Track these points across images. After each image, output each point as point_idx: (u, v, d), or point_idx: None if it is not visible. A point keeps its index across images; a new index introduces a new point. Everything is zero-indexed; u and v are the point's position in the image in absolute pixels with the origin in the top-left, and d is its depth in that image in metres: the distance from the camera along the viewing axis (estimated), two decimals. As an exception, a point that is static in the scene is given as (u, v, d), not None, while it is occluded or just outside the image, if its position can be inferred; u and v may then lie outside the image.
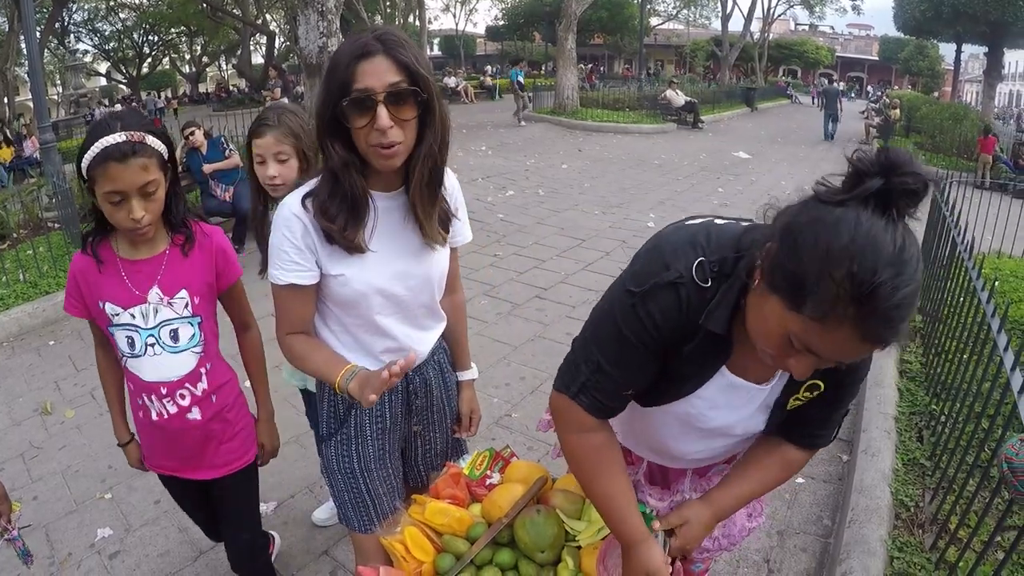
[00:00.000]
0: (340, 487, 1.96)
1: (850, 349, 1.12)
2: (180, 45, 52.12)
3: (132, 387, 2.11)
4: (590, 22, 38.20)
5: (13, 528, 2.01)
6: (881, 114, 21.62)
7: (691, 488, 1.85)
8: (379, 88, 1.53)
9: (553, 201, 10.32)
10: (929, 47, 45.61)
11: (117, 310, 1.98)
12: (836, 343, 1.11)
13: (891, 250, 1.05)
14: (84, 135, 1.89)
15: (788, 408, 1.52)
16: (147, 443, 2.23)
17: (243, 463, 2.30)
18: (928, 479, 3.26)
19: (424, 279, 1.85)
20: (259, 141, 2.45)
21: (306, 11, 11.72)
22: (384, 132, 1.55)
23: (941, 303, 4.46)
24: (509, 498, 1.79)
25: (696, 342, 1.38)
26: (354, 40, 1.59)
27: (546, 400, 4.13)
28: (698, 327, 1.35)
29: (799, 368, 1.21)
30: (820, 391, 1.47)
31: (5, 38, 31.54)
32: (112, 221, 1.88)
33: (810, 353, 1.16)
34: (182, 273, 2.03)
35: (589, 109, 21.76)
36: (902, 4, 27.98)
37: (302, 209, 1.68)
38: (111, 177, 1.78)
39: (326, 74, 1.61)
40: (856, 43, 65.54)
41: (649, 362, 1.43)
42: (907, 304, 1.06)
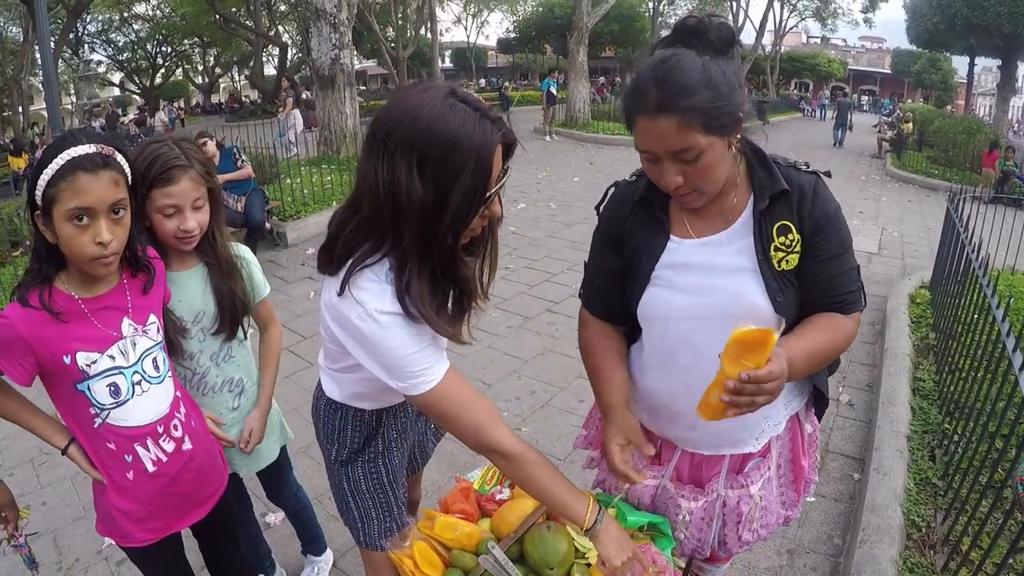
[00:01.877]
0: (368, 504, 1.93)
1: (650, 128, 1.45)
2: (193, 56, 52.51)
3: (114, 447, 1.83)
4: (601, 35, 38.18)
5: (20, 535, 1.98)
6: (894, 128, 21.57)
7: (726, 486, 1.86)
8: (499, 176, 1.46)
9: (565, 214, 10.30)
10: (942, 60, 45.46)
11: (93, 357, 1.74)
12: (642, 130, 1.48)
13: (654, 58, 1.49)
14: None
15: (779, 266, 1.59)
16: (140, 508, 1.93)
17: (224, 481, 2.19)
18: (940, 499, 3.23)
19: None
20: (172, 189, 1.95)
21: (318, 23, 11.81)
22: (494, 215, 1.53)
23: (955, 321, 4.42)
24: (519, 513, 1.78)
25: (632, 216, 1.75)
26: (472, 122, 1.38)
27: (557, 415, 4.21)
28: (632, 206, 1.74)
29: (665, 176, 1.51)
30: (793, 233, 1.58)
31: (20, 48, 31.91)
32: (70, 248, 1.63)
33: (654, 156, 1.51)
34: (147, 300, 1.88)
35: (600, 122, 21.71)
36: (915, 17, 27.91)
37: (394, 305, 1.47)
38: (79, 190, 1.57)
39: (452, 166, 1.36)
40: (868, 56, 65.50)
41: (608, 250, 1.83)
42: (663, 77, 1.41)
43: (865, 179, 15.68)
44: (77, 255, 1.65)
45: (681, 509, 1.89)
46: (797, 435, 1.87)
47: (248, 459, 2.47)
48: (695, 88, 1.39)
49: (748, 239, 1.62)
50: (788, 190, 1.58)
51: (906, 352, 4.80)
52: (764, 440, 1.80)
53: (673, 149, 1.44)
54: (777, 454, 1.87)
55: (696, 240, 1.67)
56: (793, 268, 1.60)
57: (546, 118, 20.36)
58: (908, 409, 4.00)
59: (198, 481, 2.03)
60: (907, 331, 5.27)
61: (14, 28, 35.70)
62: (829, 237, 1.60)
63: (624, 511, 1.80)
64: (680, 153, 1.44)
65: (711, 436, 1.80)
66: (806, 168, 1.65)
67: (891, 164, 17.55)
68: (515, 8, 51.34)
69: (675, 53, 1.45)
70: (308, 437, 3.81)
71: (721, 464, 1.86)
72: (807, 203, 1.58)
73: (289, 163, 11.46)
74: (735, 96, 1.45)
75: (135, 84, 50.31)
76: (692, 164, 1.46)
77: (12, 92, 34.15)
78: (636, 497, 1.97)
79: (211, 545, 2.34)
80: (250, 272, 2.31)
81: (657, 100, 1.41)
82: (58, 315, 1.69)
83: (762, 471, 1.85)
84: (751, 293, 1.60)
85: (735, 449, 1.82)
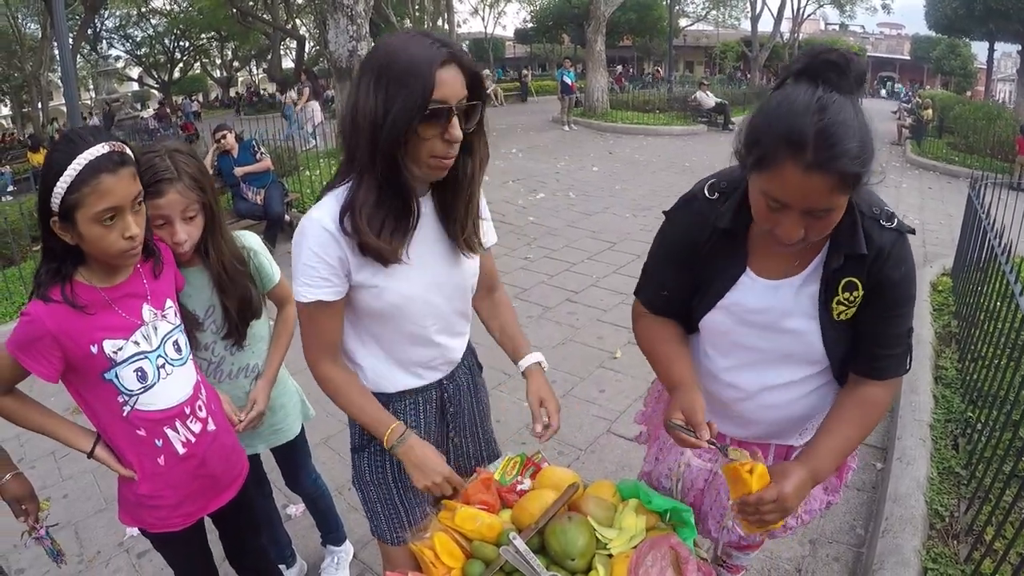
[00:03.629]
0: (373, 497, 1.96)
1: (801, 183, 1.32)
2: (211, 50, 52.75)
3: (144, 432, 1.88)
4: (619, 24, 38.02)
5: (41, 527, 2.00)
6: (913, 114, 21.36)
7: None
8: (453, 99, 1.52)
9: (584, 204, 10.29)
10: (961, 46, 44.91)
11: (119, 343, 1.79)
12: (788, 182, 1.33)
13: (809, 100, 1.32)
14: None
15: (837, 318, 1.60)
16: (173, 493, 1.97)
17: (246, 464, 2.24)
18: (963, 488, 3.20)
19: (458, 287, 1.85)
20: (160, 201, 1.96)
21: (335, 15, 11.79)
22: (451, 144, 1.55)
23: (977, 308, 4.38)
24: (540, 504, 1.77)
25: (711, 241, 1.67)
26: (424, 43, 1.50)
27: (578, 404, 4.22)
28: (712, 230, 1.65)
29: (785, 227, 1.41)
30: (858, 291, 1.56)
31: (39, 44, 32.14)
32: (100, 247, 1.67)
33: (782, 206, 1.38)
34: (161, 284, 1.93)
35: (619, 111, 21.58)
36: (934, 2, 27.62)
37: (334, 222, 1.61)
38: (104, 192, 1.60)
39: (398, 76, 1.48)
40: (887, 42, 64.75)
41: (679, 265, 1.76)
42: (829, 133, 1.28)
43: (885, 166, 15.38)
44: (107, 252, 1.69)
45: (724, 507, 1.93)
46: None
47: (267, 434, 2.53)
48: (856, 152, 1.30)
49: (814, 286, 1.62)
50: (865, 255, 1.52)
51: (928, 340, 4.76)
52: (808, 435, 1.82)
53: (815, 207, 1.36)
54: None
55: (769, 282, 1.67)
56: (851, 318, 1.61)
57: (563, 108, 20.15)
58: (931, 398, 3.98)
59: (224, 463, 2.09)
60: (929, 319, 5.23)
61: (32, 24, 36.00)
62: (888, 295, 1.57)
63: (648, 495, 1.79)
64: (818, 211, 1.37)
65: (760, 432, 1.89)
66: (889, 224, 1.54)
67: (911, 151, 17.35)
68: (532, -2, 51.20)
69: (837, 103, 1.32)
70: (329, 428, 3.84)
71: (768, 452, 1.93)
72: (884, 261, 1.53)
73: (308, 155, 11.49)
74: (877, 154, 1.37)
75: (153, 79, 50.60)
76: (819, 219, 1.40)
77: (31, 88, 34.49)
78: (691, 480, 2.02)
79: (232, 533, 2.36)
80: (259, 263, 2.32)
81: (816, 157, 1.29)
82: (83, 308, 1.72)
83: None
84: (810, 337, 1.65)
85: (781, 440, 1.92)
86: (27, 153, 22.40)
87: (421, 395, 1.92)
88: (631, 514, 1.76)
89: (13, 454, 2.02)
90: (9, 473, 1.95)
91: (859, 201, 1.51)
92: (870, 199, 1.55)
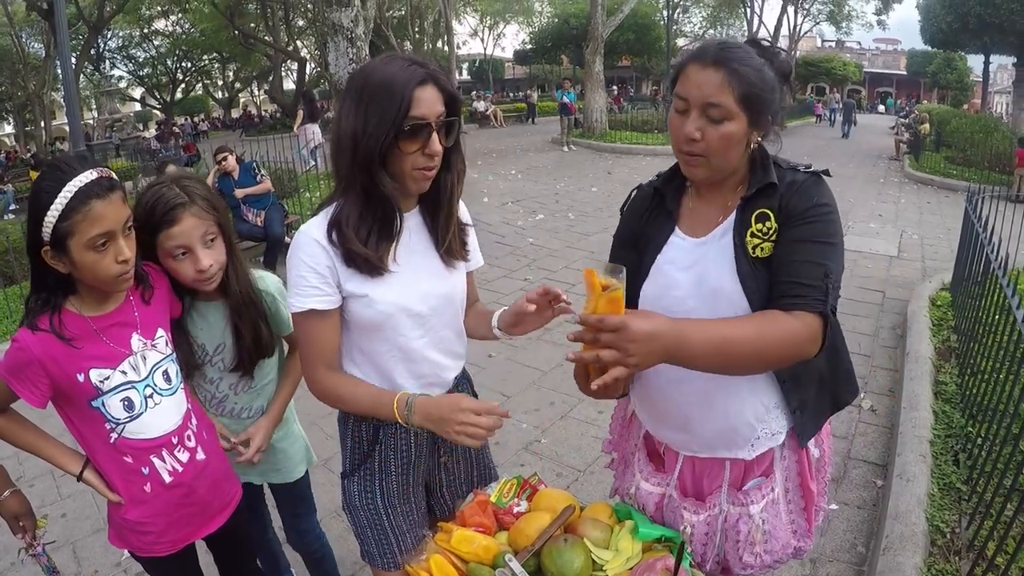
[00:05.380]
0: (363, 523, 1.95)
1: (698, 77, 1.55)
2: (213, 71, 53.11)
3: (131, 460, 1.88)
4: (617, 44, 38.27)
5: (38, 544, 2.00)
6: (910, 129, 21.43)
7: (728, 501, 1.84)
8: (431, 116, 1.61)
9: (583, 225, 10.31)
10: (957, 59, 45.21)
11: (106, 373, 1.79)
12: (689, 78, 1.57)
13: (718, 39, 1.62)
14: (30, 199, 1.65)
15: (753, 252, 1.62)
16: (158, 520, 1.96)
17: (237, 492, 2.21)
18: (964, 504, 3.20)
19: (446, 298, 1.87)
20: (177, 229, 1.90)
21: (335, 38, 11.87)
22: (432, 157, 1.64)
23: (976, 322, 4.39)
24: (536, 526, 1.77)
25: (648, 212, 1.85)
26: (403, 65, 1.61)
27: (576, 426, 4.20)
28: (649, 199, 1.86)
29: (687, 127, 1.57)
30: (770, 222, 1.62)
31: (42, 64, 32.41)
32: (94, 273, 1.68)
33: (686, 105, 1.58)
34: (153, 313, 1.92)
35: (618, 131, 21.70)
36: (928, 17, 27.80)
37: (323, 234, 1.69)
38: (96, 217, 1.61)
39: (376, 98, 1.59)
40: (883, 58, 65.04)
41: (625, 245, 1.90)
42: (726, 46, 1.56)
43: (883, 182, 15.56)
44: (102, 278, 1.70)
45: (684, 521, 1.89)
46: (804, 457, 1.85)
47: (264, 469, 2.45)
48: (749, 65, 1.54)
49: (729, 230, 1.69)
50: (775, 184, 1.63)
51: (928, 356, 4.77)
52: (760, 449, 1.77)
53: (707, 100, 1.54)
54: (783, 476, 1.84)
55: (696, 239, 1.74)
56: (767, 256, 1.61)
57: (562, 129, 20.25)
58: (931, 413, 3.97)
59: (213, 491, 2.06)
60: (928, 334, 5.24)
61: (36, 44, 36.30)
62: (802, 223, 1.57)
63: (639, 523, 1.79)
64: (710, 108, 1.54)
65: (703, 437, 1.80)
66: (806, 168, 1.69)
67: (909, 166, 17.39)
68: (531, 19, 51.59)
69: (743, 47, 1.60)
70: (327, 451, 3.84)
71: (722, 476, 1.84)
72: (793, 192, 1.61)
73: (308, 176, 11.54)
74: (774, 97, 1.59)
75: (156, 99, 50.97)
76: (715, 125, 1.55)
77: (34, 107, 34.75)
78: (642, 503, 1.97)
79: (226, 557, 2.35)
80: (276, 308, 2.25)
81: (715, 54, 1.54)
82: (69, 341, 1.73)
83: (764, 491, 1.82)
84: (727, 280, 1.64)
85: (729, 452, 1.79)
86: (29, 172, 22.53)
87: None
88: (627, 536, 1.76)
89: (12, 472, 2.02)
90: (8, 490, 1.95)
91: (777, 158, 1.71)
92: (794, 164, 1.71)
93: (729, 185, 1.72)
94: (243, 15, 34.12)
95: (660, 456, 1.98)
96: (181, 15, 40.58)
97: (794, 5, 41.94)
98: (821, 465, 1.94)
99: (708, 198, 1.76)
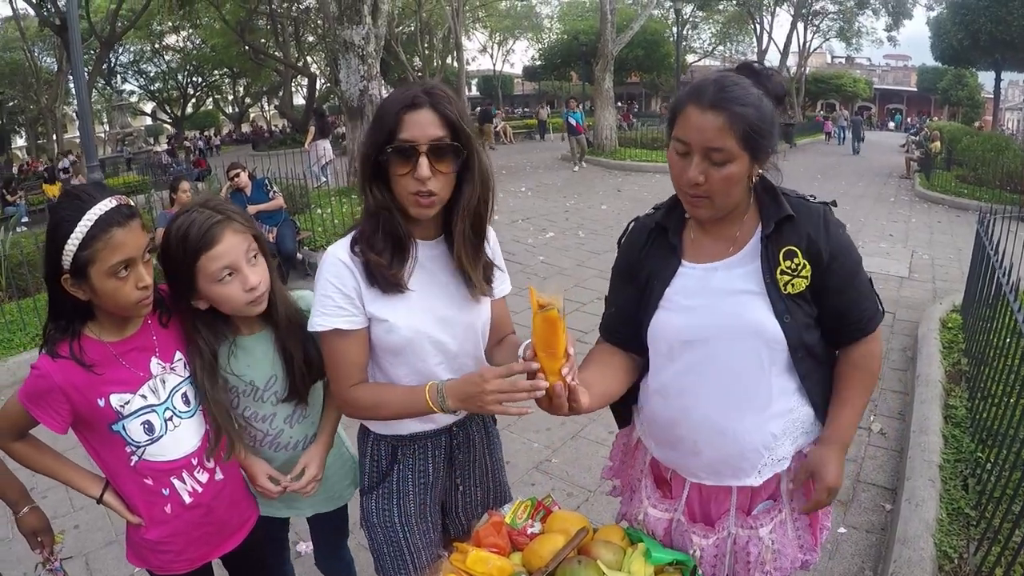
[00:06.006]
0: (379, 540, 1.98)
1: (698, 121, 1.55)
2: (223, 86, 53.46)
3: (152, 482, 1.89)
4: (626, 61, 38.40)
5: (55, 559, 2.02)
6: (921, 147, 21.37)
7: (736, 524, 1.86)
8: (422, 140, 1.62)
9: (593, 243, 10.31)
10: (968, 76, 45.15)
11: (126, 398, 1.80)
12: (689, 121, 1.57)
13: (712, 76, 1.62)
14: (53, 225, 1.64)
15: (785, 289, 1.68)
16: (177, 539, 1.97)
17: (255, 511, 2.20)
18: (973, 529, 3.20)
19: (468, 327, 1.89)
20: (219, 249, 1.80)
21: (347, 55, 11.99)
22: (423, 182, 1.64)
23: (987, 346, 4.39)
24: (550, 548, 1.79)
25: (648, 245, 1.86)
26: (403, 91, 1.66)
27: (587, 446, 4.21)
28: (648, 233, 1.86)
29: (690, 171, 1.59)
30: (799, 258, 1.67)
31: (54, 78, 32.69)
32: (115, 300, 1.70)
33: (687, 149, 1.59)
34: (171, 336, 1.92)
35: (628, 149, 21.72)
36: (939, 34, 27.83)
37: (348, 254, 1.74)
38: (117, 245, 1.63)
39: (373, 120, 1.68)
40: (894, 74, 65.09)
41: (624, 279, 1.92)
42: (723, 85, 1.56)
43: (894, 200, 15.53)
44: (122, 304, 1.72)
45: (694, 544, 1.91)
46: (809, 480, 1.88)
47: (318, 500, 2.32)
48: (749, 104, 1.55)
49: (755, 263, 1.71)
50: (793, 215, 1.67)
51: (938, 379, 4.76)
52: (767, 474, 1.81)
53: (709, 145, 1.55)
54: (789, 498, 1.88)
55: (705, 265, 1.77)
56: (801, 291, 1.68)
57: (571, 150, 19.81)
58: (940, 437, 3.97)
59: (231, 510, 2.07)
60: (938, 357, 5.23)
61: (48, 58, 36.62)
62: (844, 262, 1.70)
63: (650, 548, 1.81)
64: (712, 152, 1.56)
65: (712, 463, 1.82)
66: (813, 199, 1.76)
67: (919, 185, 17.29)
68: (540, 36, 51.76)
69: (739, 80, 1.61)
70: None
71: (729, 501, 1.88)
72: (820, 232, 1.68)
73: (320, 193, 11.59)
74: (774, 132, 1.61)
75: (166, 113, 51.34)
76: (718, 168, 1.57)
77: (47, 120, 35.03)
78: (651, 529, 1.99)
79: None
80: None
81: (713, 97, 1.55)
82: (90, 367, 1.75)
83: (772, 515, 1.85)
84: (758, 314, 1.69)
85: (737, 480, 1.83)
86: (42, 184, 22.65)
87: (430, 440, 1.96)
88: (640, 559, 1.78)
89: (26, 483, 2.04)
90: (27, 506, 1.98)
91: (784, 189, 1.74)
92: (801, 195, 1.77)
93: (733, 217, 1.75)
94: (253, 31, 34.36)
95: (667, 482, 2.00)
96: (192, 31, 40.87)
97: (804, 22, 42.03)
98: None
99: (712, 231, 1.78)
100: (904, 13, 38.65)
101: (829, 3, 41.93)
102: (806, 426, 1.83)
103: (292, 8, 34.36)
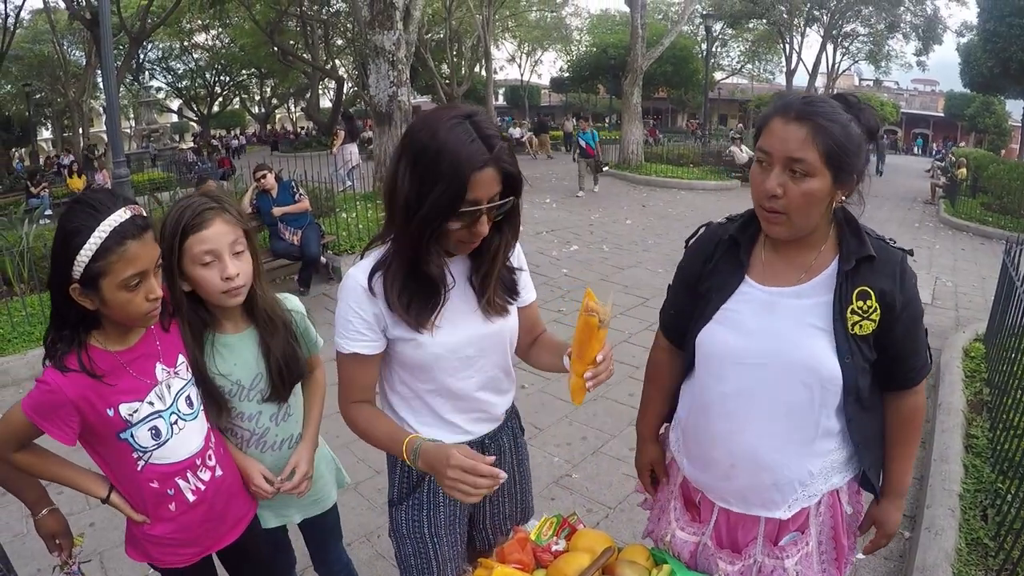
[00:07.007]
0: (408, 551, 1.99)
1: (782, 131, 1.57)
2: (251, 86, 53.74)
3: (157, 484, 1.91)
4: (654, 76, 38.33)
5: (74, 562, 2.03)
6: (947, 173, 21.21)
7: (763, 553, 1.87)
8: (485, 199, 1.60)
9: (617, 257, 10.31)
10: (996, 103, 44.71)
11: (135, 406, 1.81)
12: (773, 132, 1.59)
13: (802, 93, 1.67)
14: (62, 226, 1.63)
15: (851, 329, 1.67)
16: (182, 534, 2.00)
17: (254, 507, 2.23)
18: (991, 560, 3.18)
19: (496, 338, 1.90)
20: (207, 232, 1.88)
21: (377, 60, 12.06)
22: (479, 235, 1.66)
23: (1010, 376, 4.37)
24: (575, 567, 1.80)
25: (716, 255, 1.84)
26: (465, 138, 1.56)
27: (608, 462, 4.24)
28: (718, 243, 1.85)
29: (768, 181, 1.59)
30: (871, 300, 1.66)
31: (82, 72, 33.00)
32: (125, 312, 1.70)
33: (769, 160, 1.60)
34: (172, 340, 1.94)
35: (653, 164, 21.72)
36: (969, 60, 27.54)
37: (368, 279, 1.73)
38: (132, 258, 1.62)
39: (433, 171, 1.56)
40: (921, 99, 64.56)
41: (687, 284, 1.92)
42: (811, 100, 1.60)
43: (918, 226, 15.41)
44: (132, 316, 1.73)
45: (719, 570, 1.91)
46: (838, 514, 1.87)
47: (305, 503, 2.41)
48: (835, 121, 1.55)
49: (826, 297, 1.70)
50: (874, 256, 1.66)
51: (960, 408, 4.74)
52: (796, 508, 1.81)
53: (790, 155, 1.56)
54: (817, 531, 1.87)
55: (772, 288, 1.76)
56: (867, 334, 1.67)
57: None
58: (961, 467, 3.95)
59: (229, 503, 2.10)
60: (961, 386, 5.20)
61: (77, 52, 36.96)
62: (912, 312, 1.72)
63: (676, 570, 1.82)
64: (793, 163, 1.56)
65: (742, 491, 1.83)
66: (893, 243, 1.74)
67: (944, 211, 17.15)
68: (569, 48, 51.80)
69: (832, 100, 1.63)
70: (359, 474, 3.89)
71: (757, 529, 1.87)
72: (896, 280, 1.68)
73: (345, 197, 11.64)
74: (860, 155, 1.61)
75: (193, 111, 51.70)
76: (797, 182, 1.57)
77: (73, 114, 35.34)
78: (677, 551, 1.99)
79: (241, 573, 2.35)
80: (305, 326, 2.27)
81: (799, 109, 1.56)
82: (100, 377, 1.75)
83: (799, 546, 1.84)
84: (820, 350, 1.67)
85: (766, 511, 1.83)
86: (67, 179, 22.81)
87: None
88: (664, 580, 1.79)
89: (40, 480, 2.03)
90: (46, 508, 1.99)
91: (866, 227, 1.73)
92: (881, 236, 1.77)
93: (811, 243, 1.73)
94: (283, 32, 34.52)
95: (696, 505, 2.01)
96: (221, 30, 41.16)
97: (833, 43, 41.88)
98: (853, 521, 1.97)
99: (785, 254, 1.76)
100: (934, 39, 38.36)
101: (859, 26, 41.70)
102: (842, 466, 1.83)
103: (322, 11, 34.54)
